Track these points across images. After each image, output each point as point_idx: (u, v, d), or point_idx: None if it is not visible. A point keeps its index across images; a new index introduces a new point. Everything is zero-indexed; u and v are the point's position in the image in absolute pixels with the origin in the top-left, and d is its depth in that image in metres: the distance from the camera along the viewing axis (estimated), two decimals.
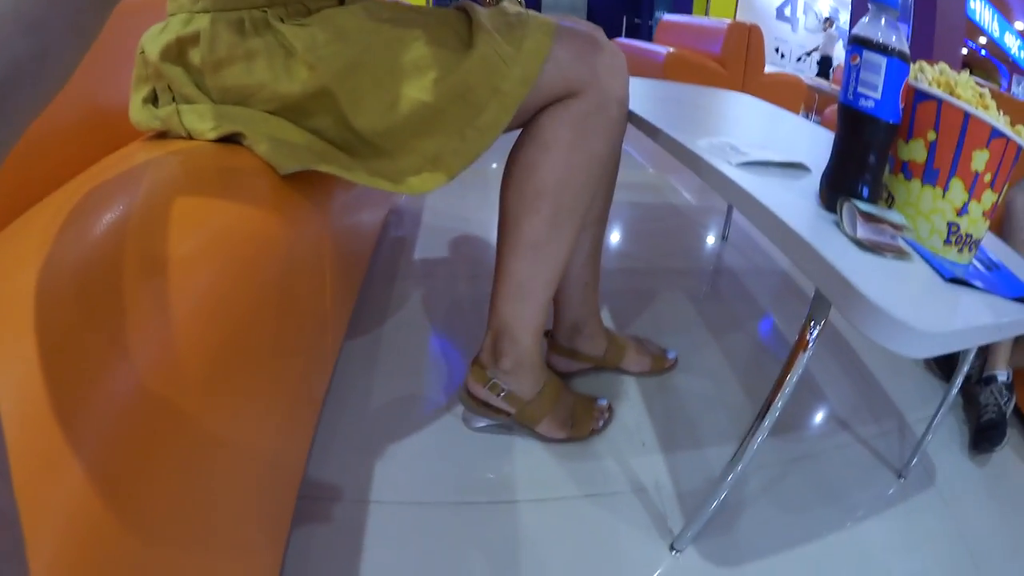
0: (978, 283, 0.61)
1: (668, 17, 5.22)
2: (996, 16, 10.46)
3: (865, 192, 0.66)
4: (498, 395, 0.91)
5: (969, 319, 0.55)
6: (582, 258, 0.99)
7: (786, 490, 0.94)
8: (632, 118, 0.98)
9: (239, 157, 0.61)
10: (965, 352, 0.93)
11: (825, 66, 7.95)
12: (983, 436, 1.07)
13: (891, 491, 0.97)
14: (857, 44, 0.64)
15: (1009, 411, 1.11)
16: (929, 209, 0.65)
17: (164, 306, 0.39)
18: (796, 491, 0.94)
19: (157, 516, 0.35)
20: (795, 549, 0.83)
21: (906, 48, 0.62)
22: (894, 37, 0.62)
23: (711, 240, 1.92)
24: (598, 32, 0.79)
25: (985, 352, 1.17)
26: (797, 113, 4.45)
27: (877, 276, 0.55)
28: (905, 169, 0.67)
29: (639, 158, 2.80)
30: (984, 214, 0.65)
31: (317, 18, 0.66)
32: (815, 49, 8.57)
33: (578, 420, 0.96)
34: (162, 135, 0.66)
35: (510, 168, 0.81)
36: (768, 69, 4.18)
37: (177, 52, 0.64)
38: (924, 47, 6.38)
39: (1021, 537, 0.92)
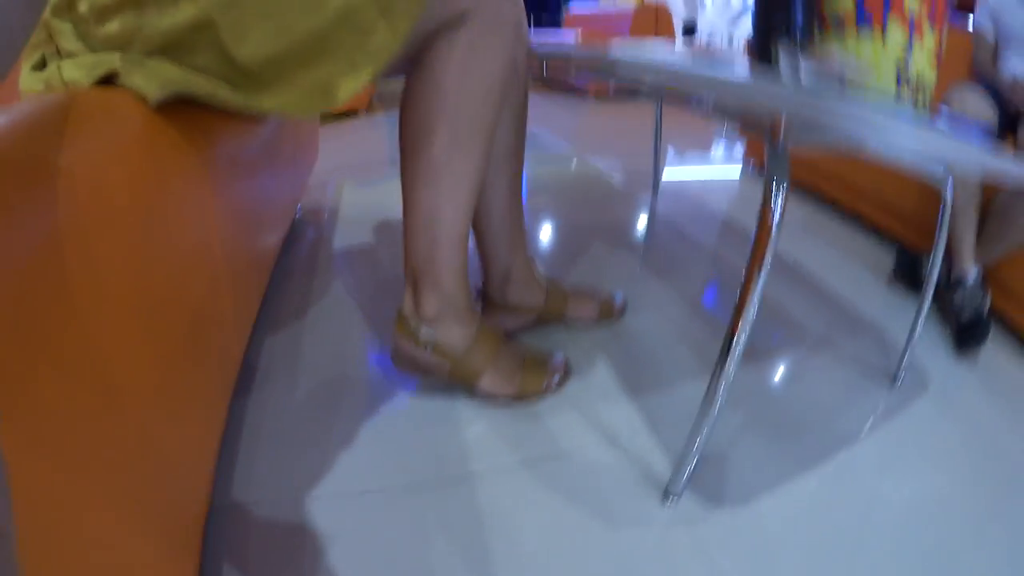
0: (937, 125, 0.55)
1: (576, 8, 5.23)
2: None
3: (799, 40, 0.60)
4: (426, 348, 0.81)
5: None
6: (501, 198, 0.90)
7: (776, 416, 0.86)
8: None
9: (110, 97, 0.54)
10: (933, 254, 0.89)
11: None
12: (968, 334, 1.04)
13: (887, 401, 0.90)
14: None
15: (986, 308, 1.08)
16: (871, 55, 0.60)
17: None
18: (787, 416, 0.86)
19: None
20: (802, 475, 0.75)
21: None
22: None
23: (641, 195, 1.86)
24: None
25: (950, 255, 1.15)
26: None
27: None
28: (836, 22, 0.61)
29: (559, 140, 2.75)
30: (932, 53, 0.60)
31: None
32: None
33: (528, 374, 0.86)
34: None
35: (403, 103, 0.76)
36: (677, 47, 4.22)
37: (67, 5, 0.61)
38: None
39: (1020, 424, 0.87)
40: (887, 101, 0.57)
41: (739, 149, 2.56)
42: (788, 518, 0.69)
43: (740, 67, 0.62)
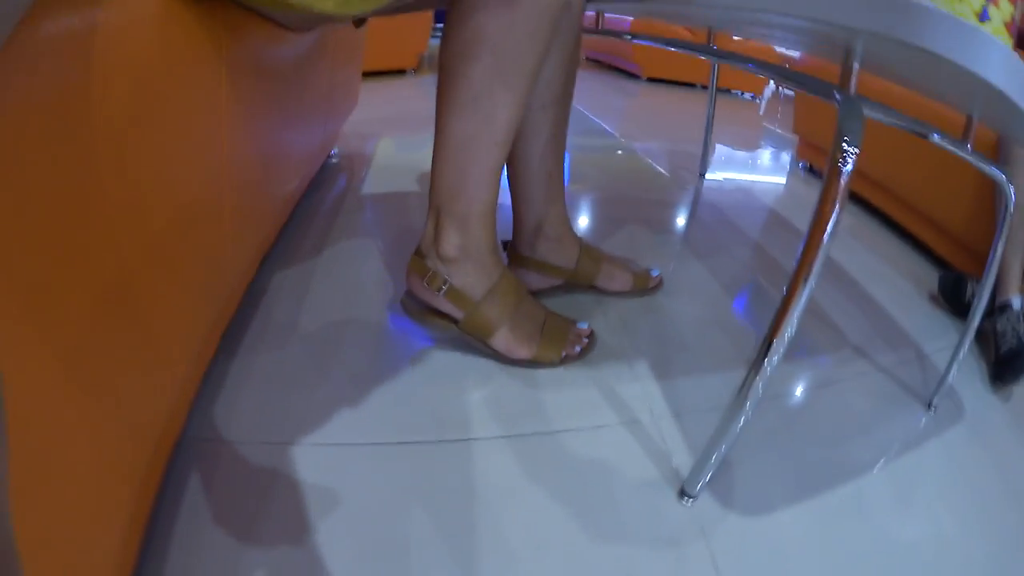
0: None
1: None
2: None
3: None
4: (438, 291, 0.74)
5: None
6: (541, 143, 0.82)
7: (808, 421, 0.76)
8: None
9: None
10: (984, 277, 0.78)
11: None
12: (1006, 367, 0.93)
13: (921, 423, 0.80)
14: None
15: None
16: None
17: None
18: (820, 422, 0.76)
19: None
20: (824, 493, 0.66)
21: None
22: None
23: (687, 181, 1.75)
24: None
25: (995, 281, 1.03)
26: None
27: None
28: None
29: (605, 121, 2.64)
30: (1005, 25, 0.52)
31: None
32: None
33: (547, 338, 0.78)
34: None
35: (446, 26, 0.68)
36: None
37: None
38: None
39: None
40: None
41: (789, 150, 2.42)
42: (805, 537, 0.60)
43: None
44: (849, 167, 0.51)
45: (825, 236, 0.51)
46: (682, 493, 0.62)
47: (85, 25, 0.35)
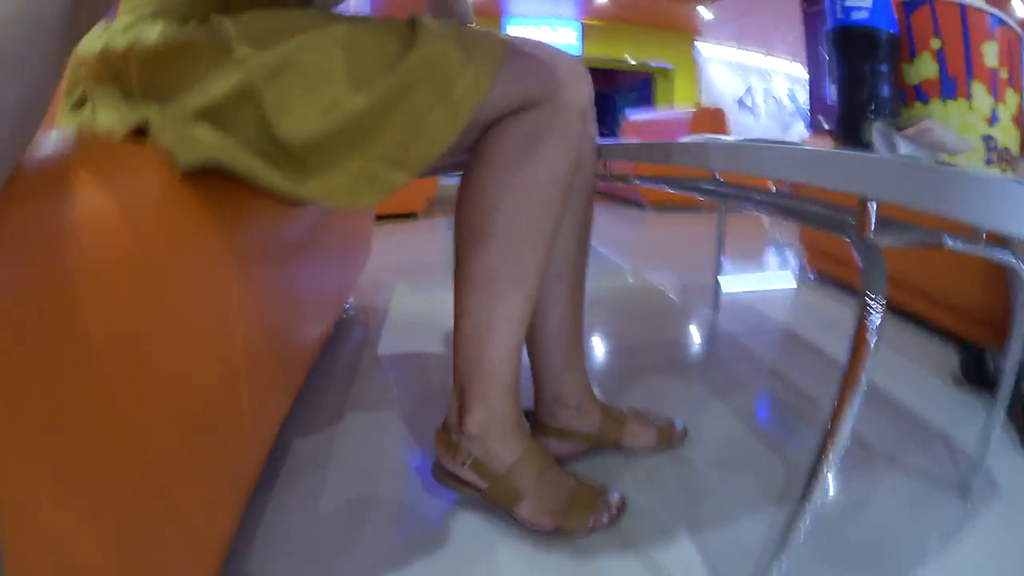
0: None
1: (633, 116, 5.37)
2: None
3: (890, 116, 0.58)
4: (463, 463, 0.74)
5: None
6: (559, 313, 0.84)
7: (845, 549, 0.73)
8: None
9: (132, 152, 0.50)
10: (1006, 348, 0.79)
11: None
12: None
13: (958, 516, 0.79)
14: None
15: None
16: (959, 126, 0.57)
17: None
18: (857, 548, 0.74)
19: None
20: None
21: None
22: None
23: (701, 311, 1.77)
24: (556, 50, 0.72)
25: None
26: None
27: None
28: (920, 93, 0.59)
29: (615, 252, 2.72)
30: (1013, 119, 0.58)
31: (258, 13, 0.59)
32: None
33: (575, 507, 0.75)
34: None
35: (459, 197, 0.72)
36: None
37: (110, 47, 0.57)
38: None
39: None
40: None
41: (794, 258, 2.47)
42: None
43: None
44: (877, 320, 0.51)
45: (856, 393, 0.51)
46: None
47: (84, 214, 0.37)
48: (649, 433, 0.92)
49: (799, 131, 9.32)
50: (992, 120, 0.57)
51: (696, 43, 10.45)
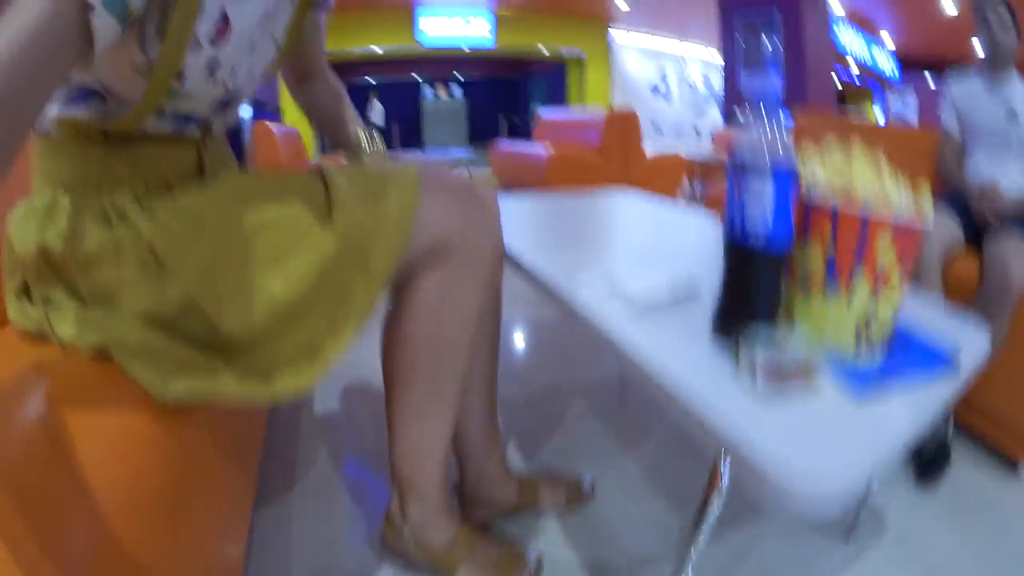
0: (893, 381, 0.58)
1: (545, 114, 5.40)
2: (861, 37, 9.95)
3: (761, 326, 0.62)
4: (409, 544, 0.90)
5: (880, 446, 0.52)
6: (477, 414, 0.97)
7: None
8: (510, 261, 0.98)
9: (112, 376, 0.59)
10: None
11: None
12: (929, 471, 1.04)
13: (844, 556, 0.95)
14: (738, 172, 0.60)
15: (949, 436, 1.08)
16: (835, 325, 0.63)
17: None
18: None
19: None
20: None
21: (793, 158, 0.58)
22: (778, 150, 0.57)
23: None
24: (467, 181, 0.78)
25: None
26: (679, 187, 4.55)
27: (774, 434, 0.52)
28: (804, 284, 0.64)
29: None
30: (894, 312, 0.63)
31: (173, 207, 0.65)
32: None
33: (502, 570, 0.91)
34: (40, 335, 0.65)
35: (385, 335, 0.82)
36: (647, 145, 4.32)
37: (45, 249, 0.62)
38: (798, 93, 6.79)
39: (984, 549, 0.97)
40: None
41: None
42: None
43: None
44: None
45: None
46: None
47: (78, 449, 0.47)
48: (559, 494, 1.08)
49: (713, 117, 9.54)
50: (869, 320, 0.61)
51: (611, 30, 10.56)
